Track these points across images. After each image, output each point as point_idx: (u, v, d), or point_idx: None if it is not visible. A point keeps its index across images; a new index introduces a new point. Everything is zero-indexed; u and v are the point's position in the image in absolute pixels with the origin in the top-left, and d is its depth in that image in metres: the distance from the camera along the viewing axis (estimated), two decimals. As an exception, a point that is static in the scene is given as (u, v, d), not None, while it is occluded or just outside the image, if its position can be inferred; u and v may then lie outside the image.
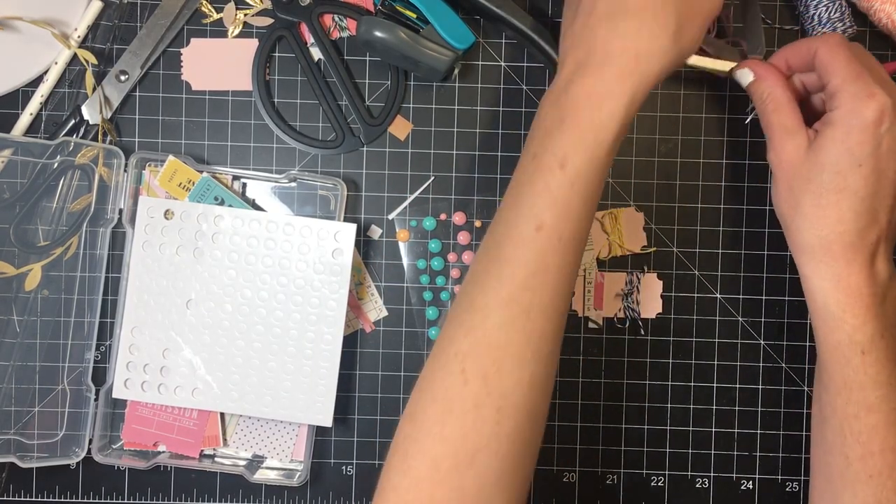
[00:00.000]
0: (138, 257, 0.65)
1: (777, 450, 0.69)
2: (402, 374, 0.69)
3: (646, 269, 0.68)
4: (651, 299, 0.68)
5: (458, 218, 0.68)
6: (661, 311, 0.69)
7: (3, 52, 0.66)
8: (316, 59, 0.68)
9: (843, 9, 0.66)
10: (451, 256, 0.68)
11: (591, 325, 0.68)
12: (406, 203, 0.68)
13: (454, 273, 0.68)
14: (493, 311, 0.51)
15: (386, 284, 0.68)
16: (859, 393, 0.55)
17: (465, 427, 0.49)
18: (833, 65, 0.56)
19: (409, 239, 0.68)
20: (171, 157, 0.66)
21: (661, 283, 0.68)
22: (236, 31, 0.67)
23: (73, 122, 0.66)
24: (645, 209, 0.68)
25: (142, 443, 0.67)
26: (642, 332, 0.69)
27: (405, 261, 0.68)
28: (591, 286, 0.68)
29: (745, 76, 0.60)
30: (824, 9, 0.65)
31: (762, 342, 0.69)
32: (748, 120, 0.68)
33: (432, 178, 0.68)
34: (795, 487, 0.69)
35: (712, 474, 0.69)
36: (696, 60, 0.61)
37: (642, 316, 0.69)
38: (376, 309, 0.68)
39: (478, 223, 0.68)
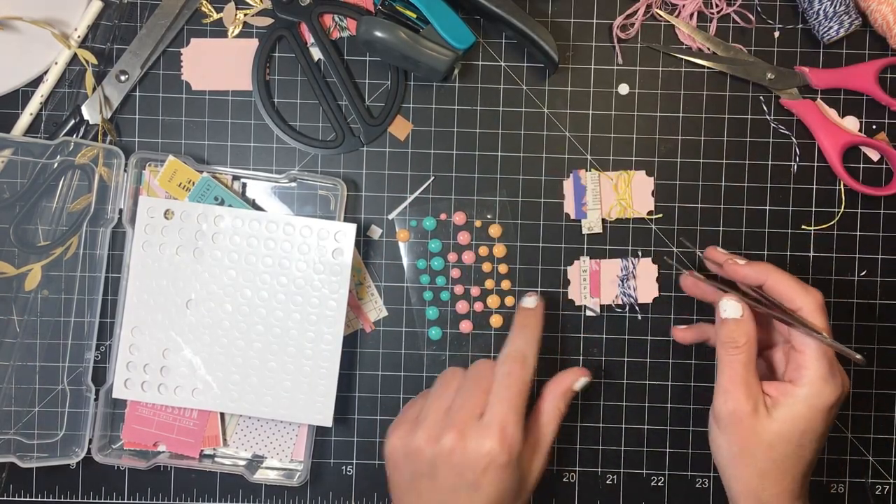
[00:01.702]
0: (138, 257, 0.65)
1: (777, 450, 0.69)
2: (402, 374, 0.69)
3: (640, 254, 0.68)
4: (647, 284, 0.68)
5: (459, 218, 0.68)
6: (657, 295, 0.68)
7: (3, 52, 0.66)
8: (316, 59, 0.68)
9: (848, 1, 0.66)
10: (452, 256, 0.68)
11: (588, 312, 0.68)
12: (406, 203, 0.68)
13: (454, 273, 0.68)
14: None
15: (386, 284, 0.68)
16: None
17: None
18: (806, 341, 0.57)
19: (409, 239, 0.68)
20: (171, 157, 0.66)
21: (655, 267, 0.68)
22: (236, 31, 0.67)
23: (73, 122, 0.66)
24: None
25: (142, 443, 0.67)
26: (640, 318, 0.69)
27: (405, 261, 0.68)
28: (587, 274, 0.68)
29: (733, 310, 0.58)
30: (829, 3, 0.65)
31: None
32: (795, 169, 0.68)
33: (432, 178, 0.68)
34: (795, 487, 0.69)
35: (712, 474, 0.69)
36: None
37: (639, 301, 0.69)
38: (376, 309, 0.68)
39: (478, 223, 0.68)
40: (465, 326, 0.69)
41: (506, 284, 0.68)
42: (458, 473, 0.56)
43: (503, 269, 0.68)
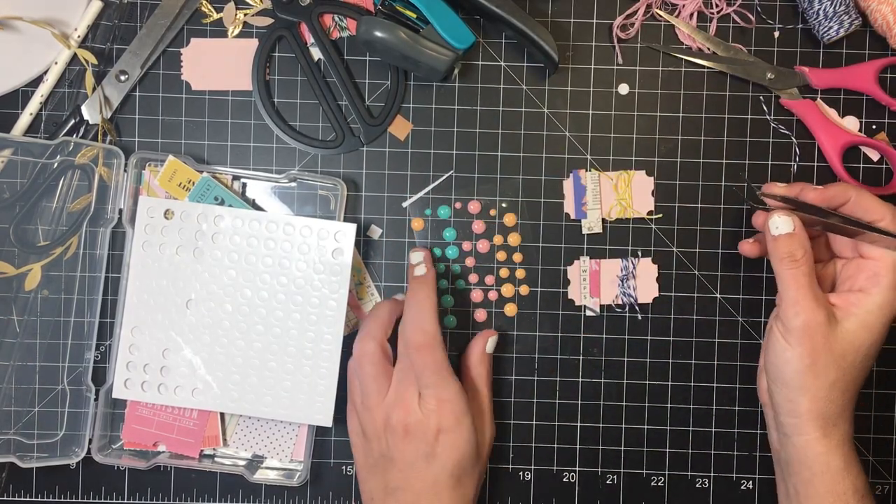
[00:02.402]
0: (138, 257, 0.65)
1: (777, 450, 0.69)
2: (402, 374, 0.69)
3: (640, 254, 0.68)
4: (647, 284, 0.68)
5: (473, 207, 0.68)
6: (657, 295, 0.68)
7: (3, 52, 0.66)
8: (316, 59, 0.68)
9: (848, 1, 0.66)
10: (466, 245, 0.68)
11: (588, 312, 0.68)
12: (421, 193, 0.68)
13: (469, 262, 0.68)
14: None
15: (386, 284, 0.68)
16: None
17: None
18: (879, 249, 0.58)
19: (423, 227, 0.68)
20: (171, 157, 0.66)
21: (655, 267, 0.68)
22: (236, 31, 0.67)
23: (73, 122, 0.66)
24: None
25: (142, 443, 0.67)
26: (640, 318, 0.69)
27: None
28: (587, 274, 0.68)
29: (785, 225, 0.59)
30: (829, 3, 0.65)
31: (762, 342, 0.69)
32: (795, 169, 0.68)
33: (451, 172, 0.68)
34: (795, 487, 0.69)
35: (712, 474, 0.69)
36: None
37: (639, 301, 0.69)
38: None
39: (492, 211, 0.68)
40: (480, 315, 0.69)
41: (520, 273, 0.68)
42: (413, 448, 0.60)
43: (517, 258, 0.68)
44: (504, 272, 0.68)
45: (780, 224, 0.59)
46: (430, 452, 0.60)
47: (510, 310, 0.68)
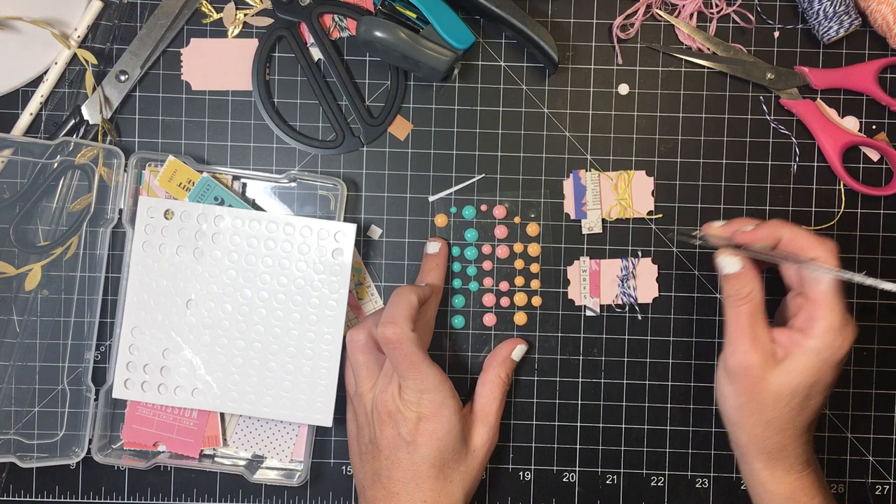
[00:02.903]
0: (138, 257, 0.65)
1: (777, 450, 0.69)
2: (402, 374, 0.69)
3: (640, 254, 0.68)
4: (647, 284, 0.68)
5: (499, 211, 0.68)
6: (657, 295, 0.68)
7: (3, 52, 0.66)
8: (316, 59, 0.68)
9: (848, 1, 0.66)
10: (486, 248, 0.68)
11: (588, 312, 0.68)
12: (448, 192, 0.68)
13: (486, 265, 0.68)
14: None
15: (386, 284, 0.68)
16: None
17: None
18: (817, 289, 0.57)
19: (446, 224, 0.68)
20: (171, 157, 0.66)
21: (655, 267, 0.68)
22: (236, 31, 0.67)
23: (73, 122, 0.66)
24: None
25: (142, 443, 0.67)
26: (640, 318, 0.69)
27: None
28: (587, 274, 0.68)
29: (730, 265, 0.59)
30: (829, 3, 0.65)
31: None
32: (795, 169, 0.68)
33: (482, 176, 0.68)
34: (795, 487, 0.69)
35: (712, 474, 0.69)
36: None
37: (639, 301, 0.69)
38: (376, 309, 0.68)
39: (517, 219, 0.68)
40: (489, 319, 0.69)
41: (535, 284, 0.68)
42: (395, 434, 0.60)
43: (535, 268, 0.68)
44: (519, 280, 0.68)
45: (726, 264, 0.59)
46: (412, 440, 0.60)
47: (520, 318, 0.68)
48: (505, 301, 0.68)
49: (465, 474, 0.62)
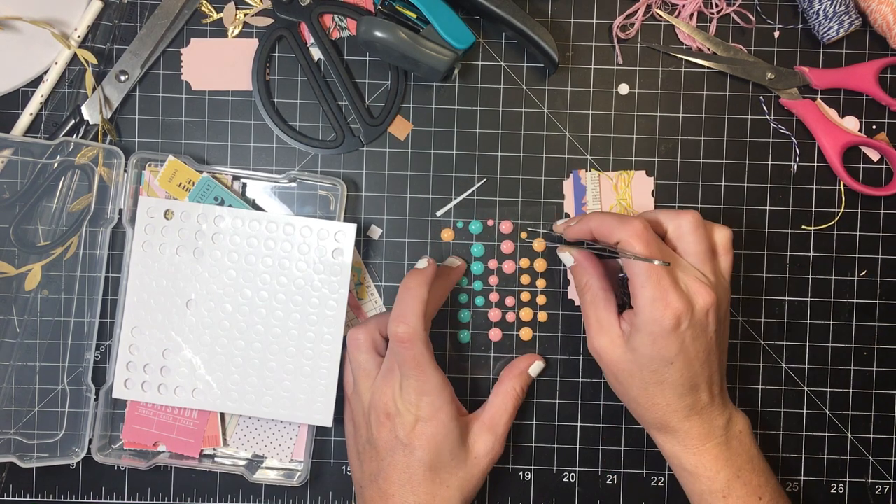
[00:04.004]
0: (138, 257, 0.65)
1: (776, 450, 0.69)
2: (402, 374, 0.69)
3: None
4: None
5: (505, 226, 0.68)
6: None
7: (3, 52, 0.66)
8: (316, 59, 0.68)
9: (848, 1, 0.66)
10: (492, 263, 0.68)
11: None
12: (452, 203, 0.68)
13: (492, 280, 0.68)
14: None
15: (386, 284, 0.68)
16: None
17: None
18: (632, 269, 0.58)
19: (452, 239, 0.68)
20: (171, 157, 0.66)
21: None
22: (236, 31, 0.67)
23: (73, 122, 0.66)
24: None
25: (142, 443, 0.67)
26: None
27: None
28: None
29: (566, 259, 0.64)
30: (829, 3, 0.65)
31: (762, 342, 0.69)
32: (795, 169, 0.68)
33: (484, 180, 0.68)
34: (795, 487, 0.69)
35: (712, 474, 0.69)
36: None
37: None
38: (376, 309, 0.68)
39: (523, 234, 0.68)
40: (495, 334, 0.68)
41: (541, 300, 0.68)
42: (392, 435, 0.61)
43: (541, 283, 0.68)
44: (525, 296, 0.68)
45: (564, 259, 0.64)
46: (408, 443, 0.60)
47: (525, 334, 0.68)
48: (511, 316, 0.68)
49: (464, 480, 0.62)
